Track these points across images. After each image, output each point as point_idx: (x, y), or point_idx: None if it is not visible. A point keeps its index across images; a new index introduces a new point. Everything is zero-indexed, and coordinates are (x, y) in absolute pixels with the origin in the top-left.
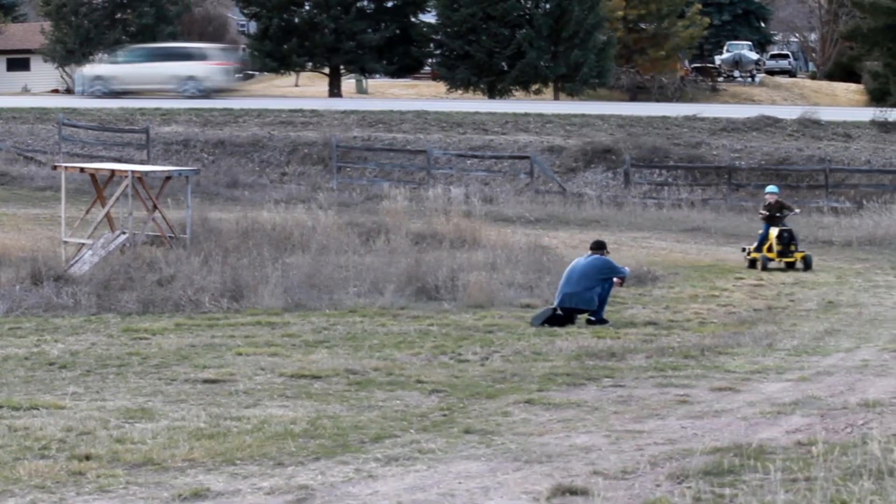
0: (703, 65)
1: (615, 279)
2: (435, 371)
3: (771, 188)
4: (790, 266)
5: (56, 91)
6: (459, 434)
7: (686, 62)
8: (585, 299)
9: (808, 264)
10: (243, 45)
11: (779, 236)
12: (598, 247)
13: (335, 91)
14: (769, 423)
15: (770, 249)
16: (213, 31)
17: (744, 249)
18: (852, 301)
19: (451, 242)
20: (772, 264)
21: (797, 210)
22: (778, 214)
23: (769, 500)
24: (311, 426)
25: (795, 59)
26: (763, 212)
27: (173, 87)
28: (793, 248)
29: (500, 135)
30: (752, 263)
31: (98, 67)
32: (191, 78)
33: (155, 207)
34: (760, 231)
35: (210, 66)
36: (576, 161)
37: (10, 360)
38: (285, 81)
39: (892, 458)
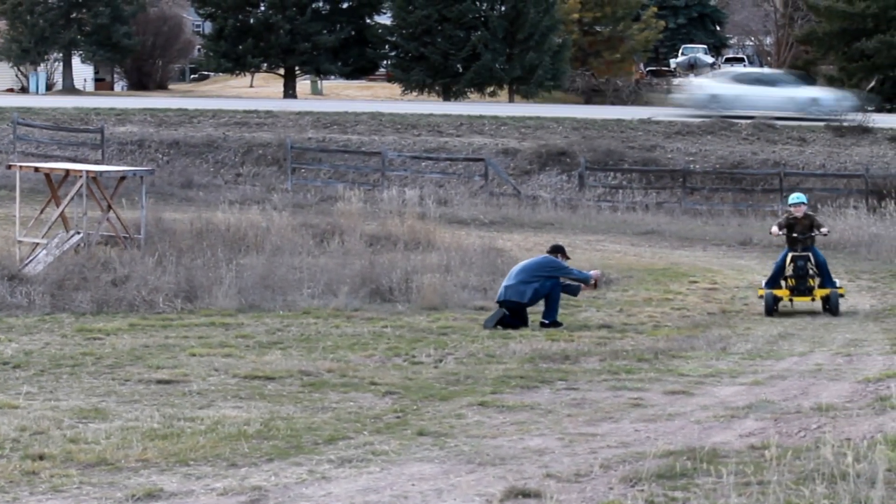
0: (659, 68)
1: (585, 284)
2: (389, 373)
3: (798, 197)
4: (827, 309)
5: (11, 90)
6: (413, 436)
7: (641, 65)
8: (518, 291)
9: (832, 307)
10: (199, 45)
11: (792, 265)
12: (553, 250)
13: (290, 92)
14: (722, 426)
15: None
16: (167, 31)
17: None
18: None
19: (406, 244)
20: (783, 305)
21: (826, 230)
22: (795, 235)
23: (722, 503)
24: (265, 427)
25: (751, 62)
26: (775, 230)
27: (793, 109)
28: (812, 282)
29: (454, 137)
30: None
31: (714, 86)
32: (814, 101)
33: (109, 207)
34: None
35: (834, 91)
36: (530, 164)
37: None
38: (240, 82)
39: (844, 463)
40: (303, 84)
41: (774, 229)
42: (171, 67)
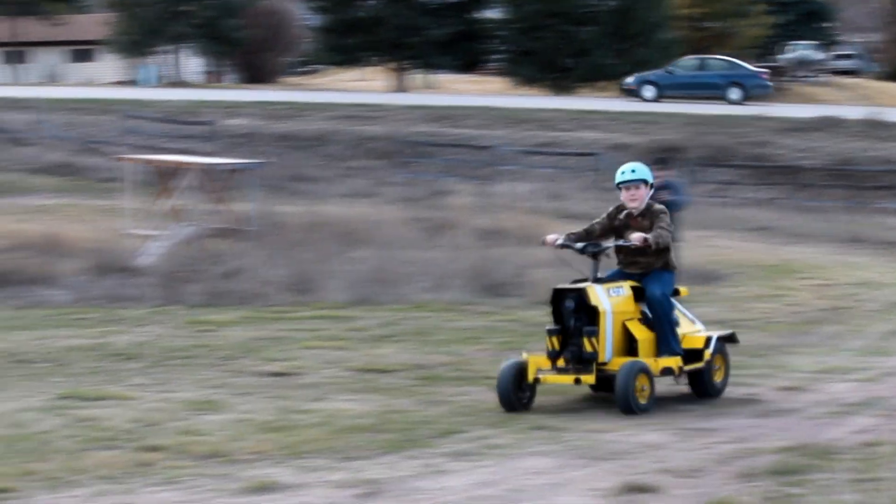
0: (767, 64)
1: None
2: None
3: (632, 170)
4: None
5: (121, 83)
6: (528, 430)
7: (751, 61)
8: None
9: (617, 392)
10: (308, 39)
11: (555, 306)
12: (655, 160)
13: (400, 86)
14: (835, 423)
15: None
16: (277, 24)
17: None
18: None
19: (518, 239)
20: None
21: (651, 237)
22: (599, 243)
23: (837, 499)
24: (379, 420)
25: (860, 59)
26: (551, 238)
27: None
28: (593, 345)
29: (565, 132)
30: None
31: None
32: None
33: (221, 200)
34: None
35: None
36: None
37: (77, 350)
38: (350, 75)
39: None
40: (413, 78)
41: (550, 237)
42: (281, 61)
